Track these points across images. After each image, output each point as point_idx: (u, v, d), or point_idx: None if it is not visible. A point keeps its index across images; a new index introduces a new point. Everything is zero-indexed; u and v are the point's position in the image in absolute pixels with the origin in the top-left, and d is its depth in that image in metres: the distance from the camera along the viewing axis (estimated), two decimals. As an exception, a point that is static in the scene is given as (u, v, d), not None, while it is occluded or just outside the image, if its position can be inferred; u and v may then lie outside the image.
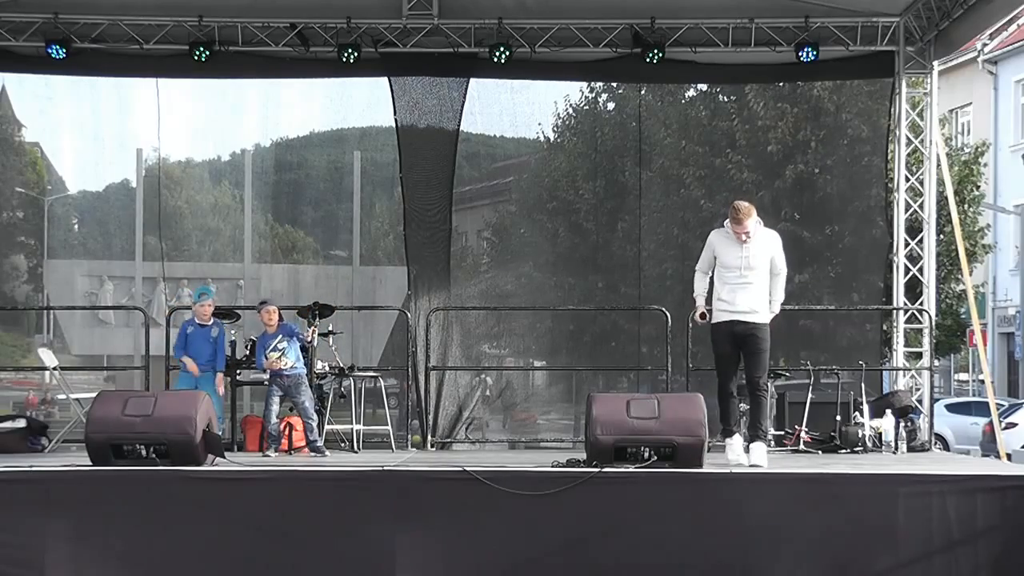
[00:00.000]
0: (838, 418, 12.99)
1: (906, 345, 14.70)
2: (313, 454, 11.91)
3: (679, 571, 9.54)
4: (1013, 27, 35.72)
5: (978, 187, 30.11)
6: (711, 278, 10.89)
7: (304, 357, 12.25)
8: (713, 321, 10.83)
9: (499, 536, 9.59)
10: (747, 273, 10.61)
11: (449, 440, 14.56)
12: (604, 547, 9.54)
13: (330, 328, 12.98)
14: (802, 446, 12.79)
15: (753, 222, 10.64)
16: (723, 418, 10.89)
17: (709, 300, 10.92)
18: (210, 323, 12.63)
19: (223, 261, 19.16)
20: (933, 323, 14.54)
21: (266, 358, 11.98)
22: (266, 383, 12.17)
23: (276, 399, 11.96)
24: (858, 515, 9.58)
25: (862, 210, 18.26)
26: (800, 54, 14.20)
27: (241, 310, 14.18)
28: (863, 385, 13.26)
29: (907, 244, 14.68)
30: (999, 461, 14.08)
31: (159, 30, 14.37)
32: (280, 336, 12.02)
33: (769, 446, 12.99)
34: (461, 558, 9.58)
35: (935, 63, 14.49)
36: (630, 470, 9.70)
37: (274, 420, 11.95)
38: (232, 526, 9.64)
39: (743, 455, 10.61)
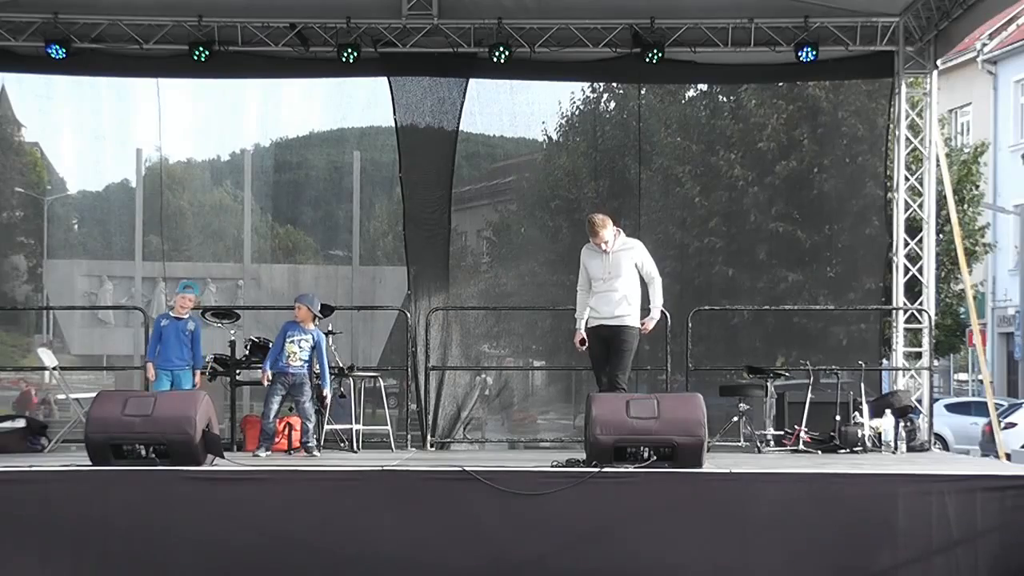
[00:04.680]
0: (838, 418, 13.00)
1: (906, 345, 14.70)
2: (304, 454, 11.90)
3: (679, 571, 9.54)
4: (1013, 27, 35.75)
5: (977, 187, 30.13)
6: None
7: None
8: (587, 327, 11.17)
9: (499, 536, 9.59)
10: (612, 281, 10.95)
11: (449, 440, 14.57)
12: (604, 547, 9.54)
13: (330, 328, 12.98)
14: (802, 446, 12.80)
15: (610, 232, 11.00)
16: None
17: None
18: (186, 317, 12.44)
19: (223, 261, 19.17)
20: (933, 323, 14.54)
21: (284, 345, 11.94)
22: (265, 381, 12.11)
23: (278, 398, 11.92)
24: (858, 515, 9.58)
25: (859, 210, 18.27)
26: (799, 54, 14.22)
27: (241, 310, 14.19)
28: (862, 385, 13.27)
29: (907, 244, 14.69)
30: (999, 461, 14.08)
31: (159, 30, 14.38)
32: (309, 336, 11.99)
33: (768, 446, 13.06)
34: (461, 558, 9.59)
35: (935, 63, 14.50)
36: (630, 470, 9.70)
37: (272, 418, 11.93)
38: (232, 526, 9.64)
39: None
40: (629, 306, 10.96)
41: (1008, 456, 15.41)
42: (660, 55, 14.19)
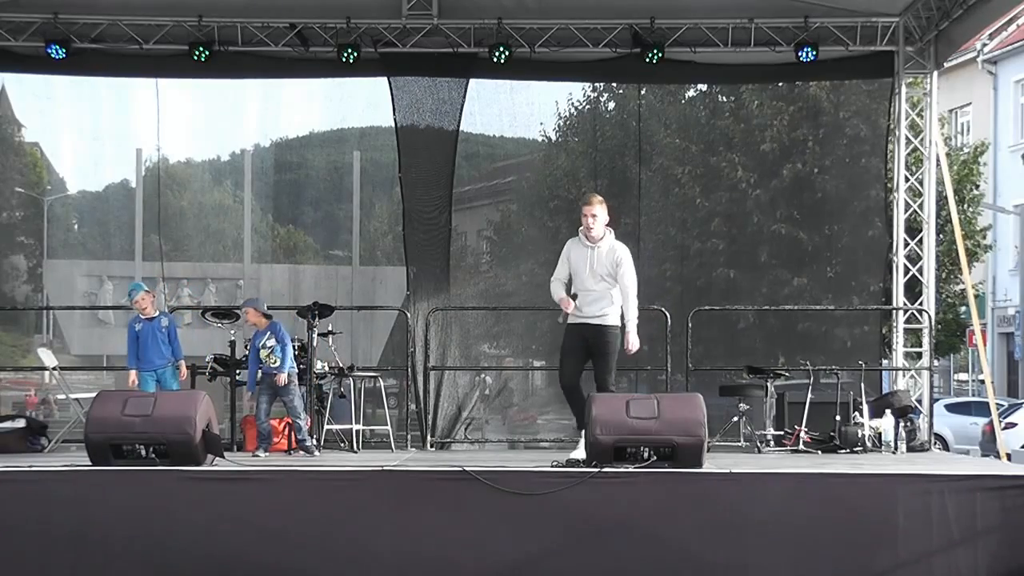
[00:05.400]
0: (838, 418, 13.00)
1: (906, 345, 14.71)
2: (303, 454, 11.92)
3: (679, 571, 9.54)
4: (1013, 27, 35.73)
5: (977, 187, 30.13)
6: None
7: (303, 357, 12.25)
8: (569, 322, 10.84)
9: (499, 536, 9.59)
10: (593, 280, 10.64)
11: (448, 440, 14.57)
12: (604, 547, 9.54)
13: (330, 328, 12.97)
14: (802, 446, 12.81)
15: (603, 215, 10.69)
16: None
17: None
18: (156, 315, 12.41)
19: (223, 261, 19.17)
20: (933, 323, 14.55)
21: (258, 354, 12.00)
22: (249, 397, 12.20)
23: (265, 398, 11.96)
24: (858, 515, 9.58)
25: (861, 210, 18.26)
26: (799, 54, 14.23)
27: (241, 310, 14.18)
28: (863, 385, 13.27)
29: (907, 244, 14.69)
30: (999, 461, 14.08)
31: (159, 30, 14.38)
32: (268, 334, 12.02)
33: (768, 446, 13.06)
34: (461, 558, 9.59)
35: (935, 64, 14.50)
36: (630, 470, 9.70)
37: (264, 419, 11.94)
38: (232, 526, 9.64)
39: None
40: (612, 305, 10.68)
41: (1008, 456, 15.41)
42: (660, 55, 14.20)
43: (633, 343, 10.66)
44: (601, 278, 10.67)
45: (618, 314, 10.75)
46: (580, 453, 10.38)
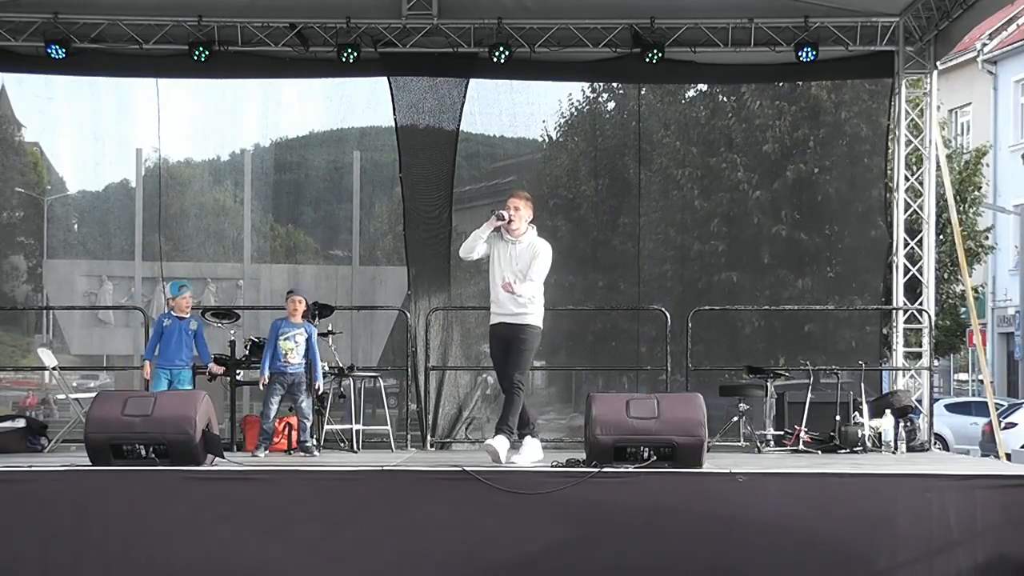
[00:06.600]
0: (838, 418, 13.01)
1: (906, 345, 14.71)
2: (302, 454, 11.91)
3: (678, 571, 9.54)
4: (1013, 27, 35.76)
5: (979, 189, 30.13)
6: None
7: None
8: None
9: (499, 536, 9.59)
10: (514, 276, 10.52)
11: (449, 440, 14.58)
12: (603, 547, 9.54)
13: (330, 328, 12.98)
14: (802, 446, 12.81)
15: (525, 211, 10.59)
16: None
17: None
18: (187, 316, 12.45)
19: (223, 261, 19.14)
20: (933, 323, 14.55)
21: (277, 343, 11.95)
22: (262, 385, 12.12)
23: (277, 398, 11.92)
24: (858, 515, 9.59)
25: (862, 211, 18.23)
26: (799, 54, 14.23)
27: (241, 310, 14.18)
28: (863, 385, 13.28)
29: (907, 244, 14.70)
30: (999, 461, 14.09)
31: (159, 30, 14.39)
32: (301, 329, 12.01)
33: (768, 446, 13.05)
34: (461, 558, 9.59)
35: (935, 64, 14.50)
36: (629, 470, 9.71)
37: (272, 419, 11.93)
38: (231, 526, 9.64)
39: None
40: (532, 303, 10.58)
41: (1008, 456, 15.42)
42: (660, 55, 14.21)
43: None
44: (516, 274, 10.54)
45: (540, 315, 10.63)
46: (521, 457, 10.37)
